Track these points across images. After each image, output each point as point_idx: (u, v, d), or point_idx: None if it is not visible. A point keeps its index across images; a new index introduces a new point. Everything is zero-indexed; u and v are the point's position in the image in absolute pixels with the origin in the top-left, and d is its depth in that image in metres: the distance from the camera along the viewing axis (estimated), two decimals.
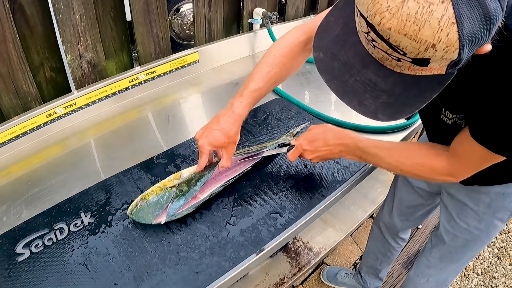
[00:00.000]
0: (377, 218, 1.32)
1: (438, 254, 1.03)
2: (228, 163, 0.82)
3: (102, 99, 1.16)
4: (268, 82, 0.83)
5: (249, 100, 0.81)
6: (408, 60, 0.46)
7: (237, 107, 0.81)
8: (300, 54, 0.86)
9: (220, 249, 0.76)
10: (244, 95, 0.82)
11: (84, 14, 1.04)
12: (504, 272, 1.77)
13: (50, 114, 1.06)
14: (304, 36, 0.85)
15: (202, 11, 1.33)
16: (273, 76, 0.84)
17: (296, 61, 0.87)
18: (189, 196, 0.82)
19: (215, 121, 0.81)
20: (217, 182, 0.86)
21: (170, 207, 0.80)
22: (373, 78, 0.52)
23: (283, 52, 0.85)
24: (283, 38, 0.87)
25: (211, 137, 0.79)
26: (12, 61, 0.98)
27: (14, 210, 0.86)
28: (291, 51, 0.85)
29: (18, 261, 0.74)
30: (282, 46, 0.86)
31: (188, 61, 1.32)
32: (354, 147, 0.80)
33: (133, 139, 1.07)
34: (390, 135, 1.09)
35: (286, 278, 1.48)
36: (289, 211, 0.84)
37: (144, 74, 1.22)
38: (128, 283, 0.70)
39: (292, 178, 0.93)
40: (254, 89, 0.82)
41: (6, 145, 1.00)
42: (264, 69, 0.83)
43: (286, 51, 0.85)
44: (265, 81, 0.82)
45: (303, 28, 0.86)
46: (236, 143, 0.83)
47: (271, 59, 0.84)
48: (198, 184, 0.83)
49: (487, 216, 0.88)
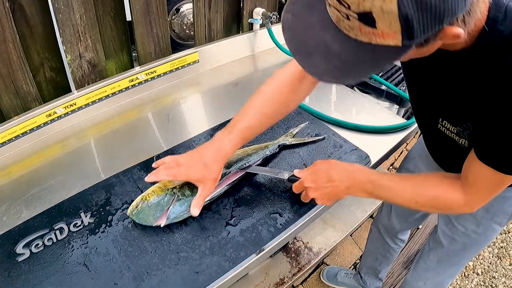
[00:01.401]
0: (375, 220, 1.32)
1: (436, 257, 1.03)
2: (197, 207, 0.76)
3: (102, 99, 1.16)
4: (262, 120, 0.77)
5: (238, 140, 0.76)
6: (355, 17, 0.45)
7: (225, 144, 0.76)
8: (300, 88, 0.80)
9: (220, 249, 0.76)
10: (234, 132, 0.76)
11: (84, 14, 1.04)
12: (504, 272, 1.77)
13: (50, 114, 1.06)
14: (298, 72, 0.80)
15: (202, 11, 1.33)
16: (269, 113, 0.78)
17: (296, 96, 0.81)
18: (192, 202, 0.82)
19: (199, 154, 0.76)
20: (219, 186, 0.86)
21: (171, 211, 0.79)
22: (329, 41, 0.51)
23: (281, 86, 0.79)
24: (282, 70, 0.81)
25: (191, 170, 0.75)
26: (12, 61, 0.98)
27: (14, 210, 0.86)
28: (290, 84, 0.79)
29: (18, 261, 0.74)
30: (279, 79, 0.80)
31: (188, 61, 1.32)
32: (365, 181, 0.73)
33: (133, 139, 1.07)
34: (390, 135, 1.09)
35: (286, 278, 1.48)
36: (289, 211, 0.84)
37: (144, 74, 1.22)
38: (128, 283, 0.70)
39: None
40: (246, 126, 0.76)
41: (6, 145, 1.00)
42: (258, 104, 0.77)
43: (284, 85, 0.79)
44: (258, 118, 0.77)
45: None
46: (216, 181, 0.78)
47: (267, 94, 0.78)
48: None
49: (486, 220, 0.87)
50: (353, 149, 1.01)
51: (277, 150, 0.99)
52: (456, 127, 0.64)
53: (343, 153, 1.00)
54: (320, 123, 1.11)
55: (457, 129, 0.64)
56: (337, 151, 1.00)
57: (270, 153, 0.97)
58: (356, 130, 1.10)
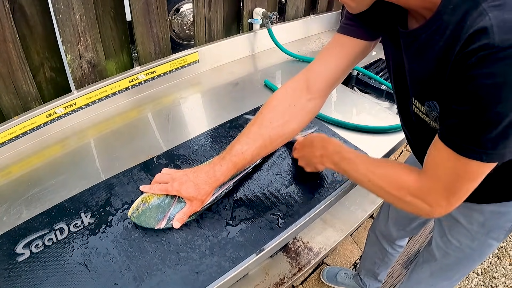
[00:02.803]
0: (373, 225, 1.31)
1: (429, 270, 1.01)
2: (179, 222, 0.78)
3: (102, 99, 1.16)
4: (256, 145, 0.76)
5: (229, 166, 0.76)
6: None
7: (217, 170, 0.76)
8: (301, 110, 0.78)
9: (220, 249, 0.76)
10: (226, 158, 0.76)
11: (84, 14, 1.04)
12: (504, 272, 1.77)
13: (50, 114, 1.06)
14: (303, 84, 0.78)
15: (202, 11, 1.33)
16: (263, 138, 0.76)
17: (295, 119, 0.79)
18: None
19: (193, 173, 0.78)
20: (221, 188, 0.86)
21: (172, 213, 0.79)
22: None
23: (277, 109, 0.77)
24: (281, 90, 0.80)
25: (183, 187, 0.77)
26: (12, 61, 0.98)
27: (14, 210, 0.86)
28: (289, 107, 0.77)
29: (18, 261, 0.74)
30: (276, 102, 0.78)
31: (188, 61, 1.32)
32: (333, 151, 0.76)
33: (133, 139, 1.07)
34: (390, 135, 1.09)
35: (286, 278, 1.48)
36: (289, 211, 0.84)
37: (144, 74, 1.22)
38: (128, 283, 0.70)
39: (292, 178, 0.93)
40: (237, 153, 0.75)
41: (6, 145, 1.00)
42: (253, 130, 0.76)
43: (280, 108, 0.77)
44: (251, 144, 0.75)
45: (303, 75, 0.79)
46: (203, 203, 0.80)
47: (265, 118, 0.77)
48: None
49: (481, 235, 0.84)
50: (353, 149, 1.01)
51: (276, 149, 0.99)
52: (424, 106, 0.61)
53: None
54: (320, 123, 1.11)
55: (426, 109, 0.61)
56: None
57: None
58: (356, 130, 1.10)
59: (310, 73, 0.79)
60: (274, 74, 1.40)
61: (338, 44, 0.77)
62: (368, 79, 1.42)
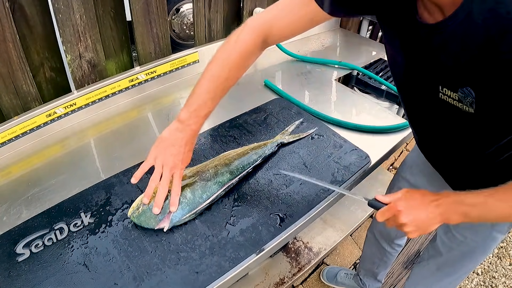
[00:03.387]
0: (372, 226, 1.31)
1: (436, 265, 1.02)
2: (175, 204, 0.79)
3: (102, 99, 1.16)
4: (220, 93, 0.80)
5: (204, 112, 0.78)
6: None
7: (192, 122, 0.78)
8: (254, 56, 0.82)
9: (220, 249, 0.76)
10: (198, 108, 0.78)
11: (84, 14, 1.04)
12: (504, 272, 1.77)
13: (50, 114, 1.06)
14: (261, 37, 0.80)
15: (202, 11, 1.33)
16: (224, 87, 0.80)
17: (246, 65, 0.82)
18: (193, 206, 0.81)
19: (165, 138, 0.79)
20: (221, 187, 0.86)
21: (174, 214, 0.79)
22: None
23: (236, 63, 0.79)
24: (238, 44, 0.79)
25: (162, 157, 0.78)
26: (12, 61, 0.98)
27: (14, 210, 0.86)
28: (247, 59, 0.81)
29: (18, 261, 0.74)
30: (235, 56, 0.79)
31: (188, 61, 1.32)
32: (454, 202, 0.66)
33: (133, 139, 1.07)
34: (390, 135, 1.09)
35: (286, 278, 1.48)
36: (289, 211, 0.84)
37: (144, 74, 1.22)
38: (128, 283, 0.70)
39: (292, 178, 0.93)
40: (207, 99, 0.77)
41: (6, 145, 1.00)
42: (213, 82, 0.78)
43: (239, 62, 0.80)
44: (216, 93, 0.79)
45: (258, 28, 0.79)
46: (187, 163, 0.81)
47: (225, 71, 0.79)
48: (204, 197, 0.83)
49: (485, 228, 0.85)
50: (353, 149, 1.01)
51: (276, 149, 0.99)
52: (457, 93, 0.61)
53: (343, 153, 1.00)
54: (320, 123, 1.11)
55: (459, 95, 0.61)
56: (337, 151, 1.00)
57: (269, 152, 0.97)
58: (356, 130, 1.10)
59: (269, 33, 0.79)
60: (274, 74, 1.40)
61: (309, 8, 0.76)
62: (368, 79, 1.42)
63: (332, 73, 1.41)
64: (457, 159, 0.78)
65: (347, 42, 1.68)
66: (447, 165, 0.84)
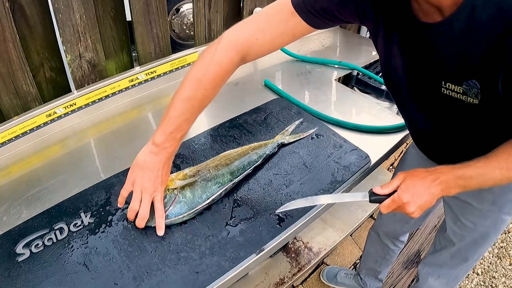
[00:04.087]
0: (375, 225, 1.31)
1: (449, 255, 1.03)
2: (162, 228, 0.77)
3: (102, 99, 1.16)
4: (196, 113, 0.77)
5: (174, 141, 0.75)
6: None
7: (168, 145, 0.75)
8: (227, 76, 0.78)
9: (220, 249, 0.76)
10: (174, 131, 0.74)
11: (84, 14, 1.04)
12: (504, 272, 1.77)
13: (50, 114, 1.06)
14: (239, 55, 0.76)
15: (202, 11, 1.33)
16: (199, 107, 0.77)
17: (220, 85, 0.78)
18: (192, 206, 0.81)
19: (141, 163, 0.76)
20: (221, 187, 0.86)
21: (171, 212, 0.79)
22: None
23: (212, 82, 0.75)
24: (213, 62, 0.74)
25: (140, 182, 0.76)
26: (12, 61, 0.98)
27: (14, 210, 0.86)
28: (223, 78, 0.76)
29: (18, 261, 0.74)
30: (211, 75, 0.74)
31: (188, 61, 1.32)
32: (454, 178, 0.68)
33: (133, 139, 1.07)
34: (390, 135, 1.09)
35: (286, 278, 1.48)
36: (289, 211, 0.84)
37: (144, 74, 1.22)
38: (128, 283, 0.70)
39: (292, 178, 0.93)
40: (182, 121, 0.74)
41: (6, 145, 1.00)
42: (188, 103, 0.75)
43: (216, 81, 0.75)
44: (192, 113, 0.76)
45: (236, 45, 0.75)
46: (165, 185, 0.79)
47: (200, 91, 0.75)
48: (204, 197, 0.83)
49: (493, 213, 0.87)
50: (353, 149, 1.01)
51: (276, 149, 0.99)
52: (461, 86, 0.63)
53: (343, 153, 1.00)
54: (320, 123, 1.11)
55: (464, 88, 0.63)
56: (337, 151, 1.00)
57: (270, 152, 0.97)
58: (356, 130, 1.10)
59: (247, 52, 0.76)
60: (274, 74, 1.40)
61: (290, 24, 0.75)
62: (368, 79, 1.42)
63: (332, 73, 1.41)
64: (458, 150, 0.79)
65: (347, 42, 1.68)
66: (447, 158, 0.84)
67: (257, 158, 0.94)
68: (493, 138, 0.68)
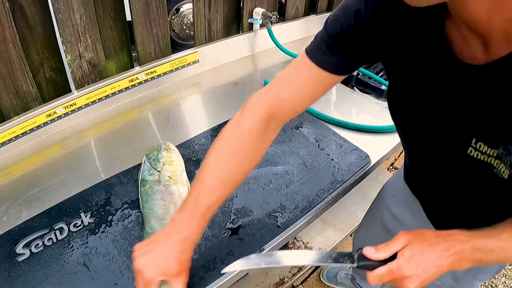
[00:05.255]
0: (354, 243, 1.27)
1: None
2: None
3: (102, 99, 1.16)
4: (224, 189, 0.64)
5: (202, 222, 0.63)
6: None
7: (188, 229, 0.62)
8: (262, 141, 0.66)
9: (220, 249, 0.76)
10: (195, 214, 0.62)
11: (84, 14, 1.04)
12: (504, 272, 1.77)
13: (50, 114, 1.06)
14: (265, 114, 0.65)
15: (202, 11, 1.33)
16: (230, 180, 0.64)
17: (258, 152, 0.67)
18: None
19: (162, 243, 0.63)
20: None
21: None
22: None
23: (236, 147, 0.64)
24: (238, 124, 0.65)
25: (161, 267, 0.61)
26: (12, 61, 0.98)
27: (14, 210, 0.86)
28: (248, 143, 0.65)
29: (18, 261, 0.74)
30: (233, 139, 0.64)
31: (188, 61, 1.32)
32: (471, 249, 0.54)
33: (133, 139, 1.07)
34: (390, 135, 1.09)
35: (286, 278, 1.48)
36: (289, 211, 0.84)
37: (144, 74, 1.22)
38: (128, 283, 0.70)
39: (292, 178, 0.93)
40: (208, 206, 0.62)
41: (6, 145, 1.00)
42: (216, 174, 0.64)
43: (239, 146, 0.64)
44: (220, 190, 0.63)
45: (264, 102, 0.65)
46: (188, 269, 0.65)
47: (224, 159, 0.64)
48: None
49: (467, 277, 0.78)
50: (353, 149, 1.01)
51: None
52: (497, 150, 0.49)
53: (343, 153, 1.00)
54: (320, 123, 1.11)
55: (500, 152, 0.49)
56: (337, 151, 1.00)
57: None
58: (356, 130, 1.10)
59: (275, 104, 0.66)
60: (274, 74, 1.39)
61: (316, 78, 0.64)
62: (368, 79, 1.42)
63: None
64: (457, 207, 0.68)
65: None
66: (439, 208, 0.74)
67: None
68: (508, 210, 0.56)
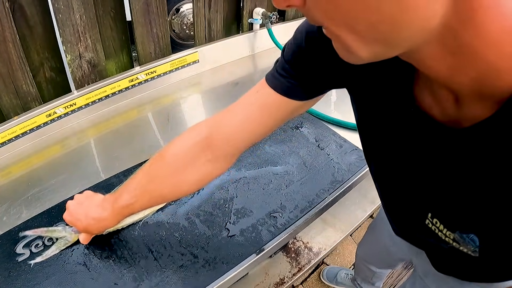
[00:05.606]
0: (357, 253, 1.29)
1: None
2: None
3: (102, 99, 1.16)
4: (144, 201, 0.64)
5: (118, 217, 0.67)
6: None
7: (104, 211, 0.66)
8: (196, 172, 0.62)
9: (220, 249, 0.76)
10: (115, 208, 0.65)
11: (84, 14, 1.04)
12: None
13: (50, 114, 1.06)
14: (204, 141, 0.61)
15: (202, 11, 1.33)
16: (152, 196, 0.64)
17: (189, 180, 0.63)
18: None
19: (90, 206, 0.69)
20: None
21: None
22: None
23: (170, 166, 0.62)
24: (177, 143, 0.65)
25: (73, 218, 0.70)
26: (12, 61, 0.98)
27: (14, 210, 0.86)
28: (183, 166, 0.62)
29: (18, 261, 0.74)
30: (170, 159, 0.63)
31: (188, 61, 1.32)
32: None
33: (133, 139, 1.07)
34: None
35: (286, 278, 1.48)
36: (289, 211, 0.84)
37: (144, 74, 1.22)
38: (128, 283, 0.70)
39: (292, 178, 0.93)
40: (125, 204, 0.64)
41: (6, 145, 1.00)
42: (142, 182, 0.64)
43: (174, 165, 0.62)
44: (140, 198, 0.64)
45: (206, 127, 0.63)
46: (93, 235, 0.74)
47: (157, 173, 0.63)
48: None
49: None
50: (353, 149, 1.01)
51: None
52: (454, 234, 0.44)
53: (343, 153, 1.00)
54: (320, 123, 1.11)
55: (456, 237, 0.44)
56: (337, 151, 1.00)
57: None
58: (356, 130, 1.10)
59: (214, 129, 0.61)
60: None
61: (266, 103, 0.59)
62: None
63: None
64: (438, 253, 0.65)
65: None
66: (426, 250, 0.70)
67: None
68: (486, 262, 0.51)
